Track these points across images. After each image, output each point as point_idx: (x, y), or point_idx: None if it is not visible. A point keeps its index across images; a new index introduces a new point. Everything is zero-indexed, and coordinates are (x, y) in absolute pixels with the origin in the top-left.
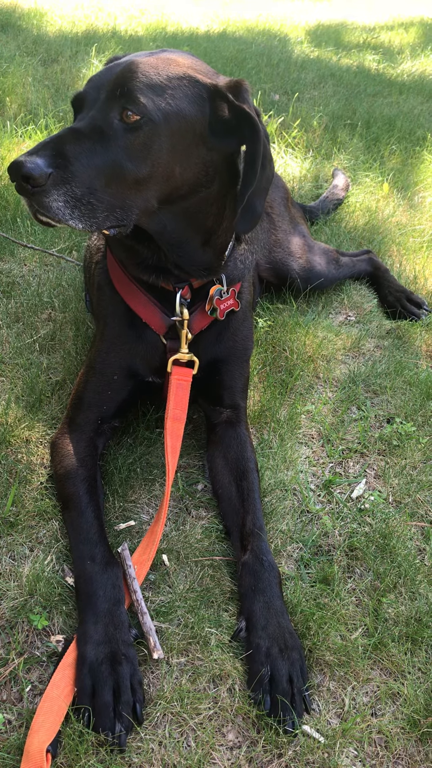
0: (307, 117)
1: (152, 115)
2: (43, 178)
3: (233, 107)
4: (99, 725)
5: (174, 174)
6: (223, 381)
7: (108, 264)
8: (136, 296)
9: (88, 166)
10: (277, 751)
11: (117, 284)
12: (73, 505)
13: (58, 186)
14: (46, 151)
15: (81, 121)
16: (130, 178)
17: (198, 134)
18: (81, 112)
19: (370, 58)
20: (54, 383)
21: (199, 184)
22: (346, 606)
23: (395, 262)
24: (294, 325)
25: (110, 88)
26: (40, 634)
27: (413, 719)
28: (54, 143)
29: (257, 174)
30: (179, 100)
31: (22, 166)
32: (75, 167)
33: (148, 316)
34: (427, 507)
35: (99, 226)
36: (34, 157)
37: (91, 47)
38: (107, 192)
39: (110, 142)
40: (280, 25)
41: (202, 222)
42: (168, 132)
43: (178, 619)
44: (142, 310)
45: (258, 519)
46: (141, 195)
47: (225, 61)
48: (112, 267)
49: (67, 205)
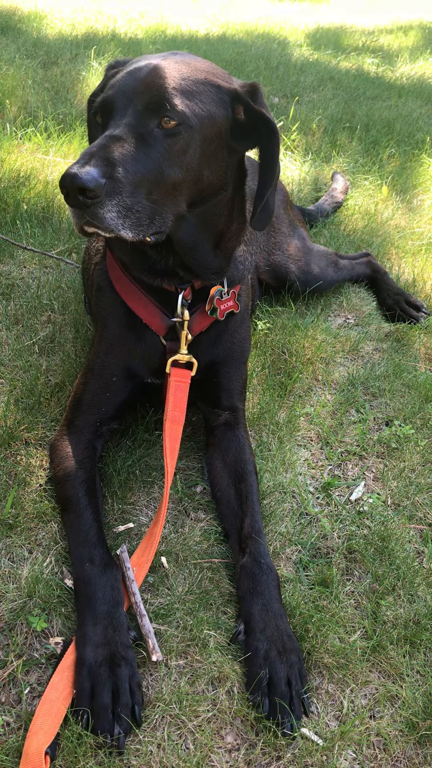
0: (306, 120)
1: (190, 120)
2: (99, 189)
3: (251, 110)
4: (98, 727)
5: (203, 177)
6: (221, 383)
7: (108, 265)
8: (137, 297)
9: (135, 174)
10: (276, 754)
11: (117, 285)
12: (72, 507)
13: (111, 197)
14: (97, 161)
15: (117, 128)
16: (168, 184)
17: (223, 138)
18: (111, 119)
19: (370, 61)
20: (53, 385)
21: (220, 187)
22: (344, 608)
23: (394, 264)
24: (293, 327)
25: (143, 94)
26: (39, 636)
27: (412, 722)
28: (101, 152)
29: (275, 174)
30: (208, 104)
31: (77, 178)
32: (123, 176)
33: (149, 317)
34: (425, 509)
35: (145, 234)
36: (87, 168)
37: (91, 50)
38: (149, 199)
39: (151, 149)
40: (280, 28)
41: (216, 224)
42: (201, 136)
43: (177, 622)
44: (142, 311)
45: (256, 522)
46: (175, 200)
47: (224, 64)
48: (111, 268)
49: (119, 215)
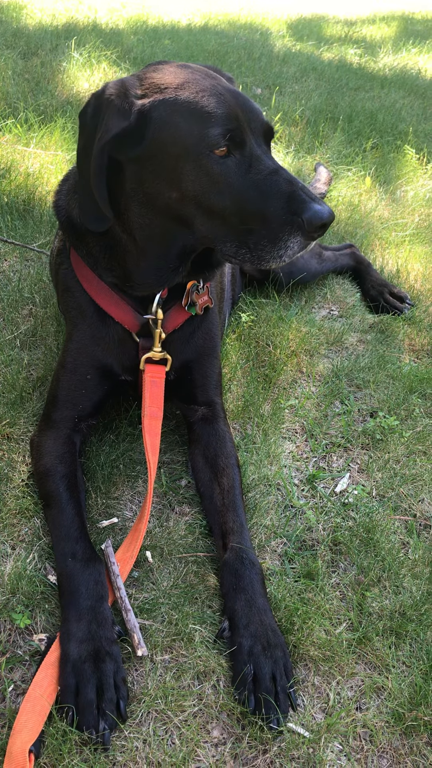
0: (288, 111)
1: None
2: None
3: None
4: (83, 724)
5: None
6: (195, 380)
7: (73, 264)
8: (107, 295)
9: None
10: (262, 747)
11: (85, 284)
12: (53, 502)
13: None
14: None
15: (270, 160)
16: None
17: None
18: (249, 140)
19: (352, 51)
20: (35, 379)
21: None
22: (330, 601)
23: (378, 256)
24: (277, 319)
25: (266, 133)
26: (22, 632)
27: (398, 713)
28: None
29: None
30: None
31: (333, 215)
32: None
33: (121, 315)
34: (410, 501)
35: None
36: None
37: (71, 40)
38: None
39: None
40: (262, 19)
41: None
42: None
43: (162, 616)
44: (114, 310)
45: (239, 516)
46: None
47: (207, 54)
48: (78, 267)
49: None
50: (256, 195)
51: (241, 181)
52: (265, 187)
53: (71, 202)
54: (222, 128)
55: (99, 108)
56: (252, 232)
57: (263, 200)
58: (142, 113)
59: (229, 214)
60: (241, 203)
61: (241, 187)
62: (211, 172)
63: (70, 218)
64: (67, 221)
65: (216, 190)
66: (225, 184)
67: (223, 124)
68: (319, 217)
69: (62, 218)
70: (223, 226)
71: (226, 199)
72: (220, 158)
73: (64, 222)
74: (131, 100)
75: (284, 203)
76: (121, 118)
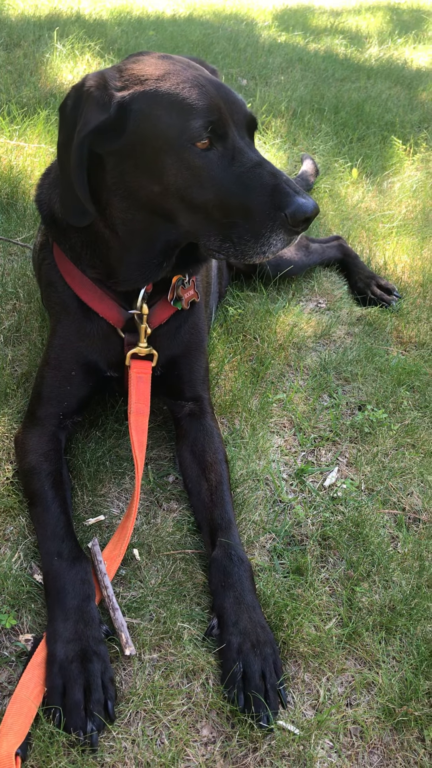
0: (275, 102)
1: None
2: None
3: None
4: (70, 725)
5: None
6: (182, 375)
7: (56, 259)
8: (91, 291)
9: None
10: (252, 746)
11: (68, 279)
12: (38, 500)
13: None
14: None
15: (253, 152)
16: None
17: None
18: (232, 132)
19: (338, 42)
20: (19, 376)
21: None
22: (319, 596)
23: (365, 248)
24: (264, 313)
25: (249, 124)
26: (8, 633)
27: (388, 708)
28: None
29: None
30: None
31: (317, 208)
32: None
33: (105, 311)
34: (399, 494)
35: None
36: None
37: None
38: None
39: None
40: (248, 10)
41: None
42: None
43: (150, 615)
44: (97, 305)
45: (227, 513)
46: None
47: (192, 45)
48: (61, 262)
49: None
50: (239, 188)
51: (224, 174)
52: (248, 180)
53: (53, 197)
54: (203, 120)
55: (78, 101)
56: (235, 226)
57: (246, 193)
58: (122, 105)
59: (212, 207)
60: (223, 197)
61: (223, 180)
62: (192, 166)
63: (53, 213)
64: (50, 216)
65: (198, 184)
66: (207, 178)
67: (205, 116)
68: (303, 212)
69: (44, 213)
70: (206, 220)
71: (208, 193)
72: (202, 151)
73: (46, 217)
74: (111, 92)
75: (268, 197)
76: (101, 110)
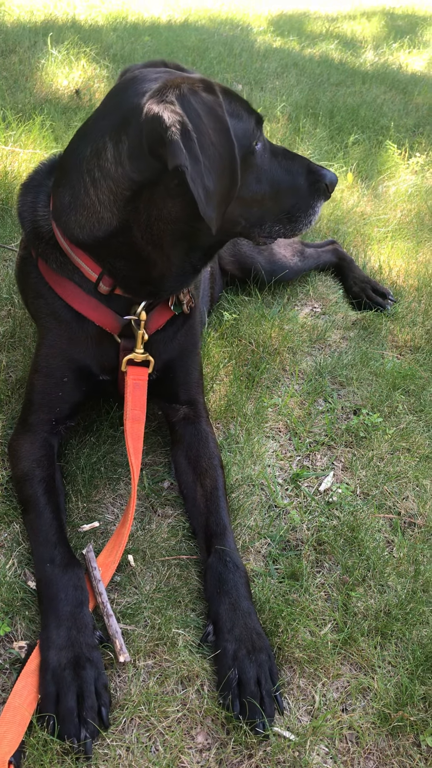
0: (270, 107)
1: None
2: None
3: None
4: (63, 732)
5: None
6: (177, 378)
7: (42, 272)
8: (84, 299)
9: None
10: (248, 752)
11: (59, 289)
12: (31, 507)
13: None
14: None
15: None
16: None
17: None
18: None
19: (333, 47)
20: (14, 382)
21: None
22: (315, 601)
23: (360, 252)
24: (259, 317)
25: (258, 121)
26: (2, 640)
27: (384, 713)
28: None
29: None
30: None
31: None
32: None
33: (100, 319)
34: (394, 498)
35: None
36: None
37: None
38: None
39: None
40: (243, 15)
41: None
42: None
43: (145, 621)
44: (92, 314)
45: (222, 518)
46: None
47: (187, 50)
48: (47, 274)
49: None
50: (285, 175)
51: (271, 166)
52: (288, 166)
53: (38, 210)
54: (254, 118)
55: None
56: (286, 208)
57: (292, 177)
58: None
59: (267, 198)
60: (276, 185)
61: (273, 171)
62: (252, 164)
63: (36, 227)
64: (33, 230)
65: (256, 179)
66: (262, 172)
67: (253, 115)
68: (334, 179)
69: (27, 228)
70: (261, 210)
71: (265, 186)
72: (256, 149)
73: (30, 232)
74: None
75: (307, 175)
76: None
